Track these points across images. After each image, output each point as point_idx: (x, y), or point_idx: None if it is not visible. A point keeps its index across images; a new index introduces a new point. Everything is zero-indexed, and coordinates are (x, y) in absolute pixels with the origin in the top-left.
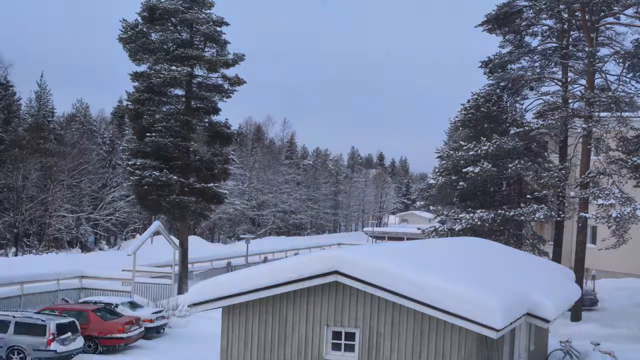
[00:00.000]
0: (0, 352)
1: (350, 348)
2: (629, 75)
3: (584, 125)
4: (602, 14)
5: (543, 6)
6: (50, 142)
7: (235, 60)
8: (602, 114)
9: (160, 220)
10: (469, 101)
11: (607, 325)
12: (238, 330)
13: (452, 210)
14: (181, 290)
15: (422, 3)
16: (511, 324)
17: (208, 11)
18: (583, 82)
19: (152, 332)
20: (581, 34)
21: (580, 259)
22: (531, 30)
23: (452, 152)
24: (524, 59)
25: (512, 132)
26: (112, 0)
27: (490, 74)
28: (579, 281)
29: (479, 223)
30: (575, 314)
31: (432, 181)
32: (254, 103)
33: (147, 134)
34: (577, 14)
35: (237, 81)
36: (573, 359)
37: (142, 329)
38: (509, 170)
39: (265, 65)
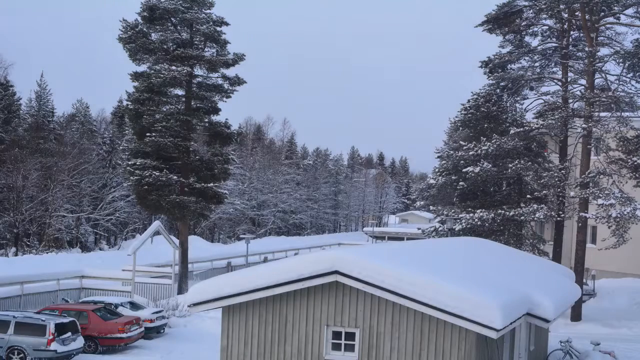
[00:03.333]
0: (0, 352)
1: (350, 348)
2: (629, 75)
3: (584, 125)
4: (602, 14)
5: (543, 6)
6: (50, 142)
7: (235, 60)
8: (602, 114)
9: (160, 220)
10: (469, 101)
11: (607, 325)
12: (238, 330)
13: (452, 210)
14: (181, 290)
15: (423, 3)
16: (511, 323)
17: (208, 11)
18: (583, 82)
19: (152, 332)
20: (581, 34)
21: (580, 259)
22: (531, 30)
23: (452, 152)
24: (524, 59)
25: (512, 132)
26: (112, 0)
27: (490, 74)
28: (579, 281)
29: (479, 223)
30: (575, 314)
31: (432, 181)
32: (254, 103)
33: (147, 134)
34: (577, 14)
35: (237, 81)
36: (573, 359)
37: (142, 329)
38: (509, 170)
39: (266, 65)
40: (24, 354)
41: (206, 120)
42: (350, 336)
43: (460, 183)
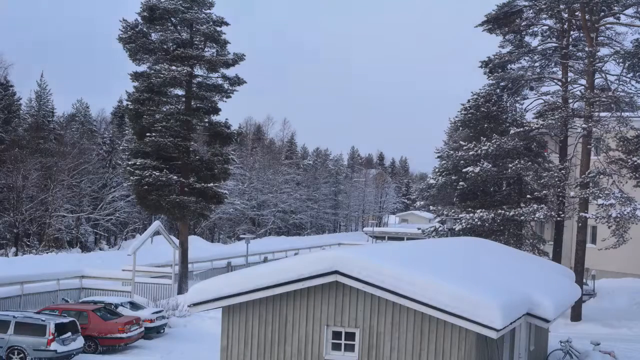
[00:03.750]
0: (0, 352)
1: (350, 348)
2: (629, 75)
3: (584, 125)
4: (602, 14)
5: (543, 6)
6: (50, 142)
7: (235, 60)
8: (602, 114)
9: (160, 220)
10: (469, 101)
11: (607, 325)
12: (238, 330)
13: (452, 210)
14: (181, 290)
15: (423, 3)
16: (511, 323)
17: (208, 11)
18: (583, 82)
19: (152, 332)
20: (581, 34)
21: (580, 259)
22: (531, 30)
23: (452, 152)
24: (524, 59)
25: (512, 132)
26: (112, 0)
27: (490, 74)
28: (579, 281)
29: (479, 223)
30: (575, 314)
31: (432, 181)
32: (254, 103)
33: (147, 134)
34: (577, 14)
35: (237, 81)
36: (573, 359)
37: (142, 329)
38: (509, 170)
39: (266, 65)
40: (24, 354)
41: (206, 120)
42: (350, 336)
43: (460, 183)
